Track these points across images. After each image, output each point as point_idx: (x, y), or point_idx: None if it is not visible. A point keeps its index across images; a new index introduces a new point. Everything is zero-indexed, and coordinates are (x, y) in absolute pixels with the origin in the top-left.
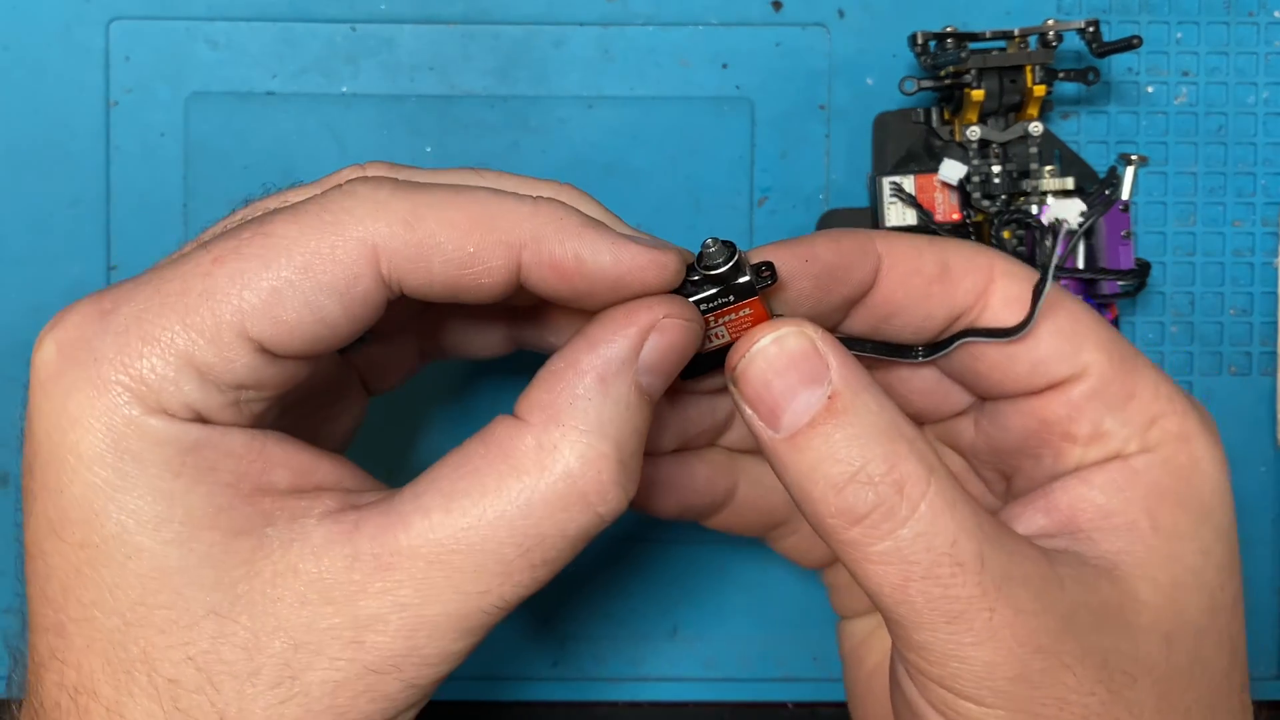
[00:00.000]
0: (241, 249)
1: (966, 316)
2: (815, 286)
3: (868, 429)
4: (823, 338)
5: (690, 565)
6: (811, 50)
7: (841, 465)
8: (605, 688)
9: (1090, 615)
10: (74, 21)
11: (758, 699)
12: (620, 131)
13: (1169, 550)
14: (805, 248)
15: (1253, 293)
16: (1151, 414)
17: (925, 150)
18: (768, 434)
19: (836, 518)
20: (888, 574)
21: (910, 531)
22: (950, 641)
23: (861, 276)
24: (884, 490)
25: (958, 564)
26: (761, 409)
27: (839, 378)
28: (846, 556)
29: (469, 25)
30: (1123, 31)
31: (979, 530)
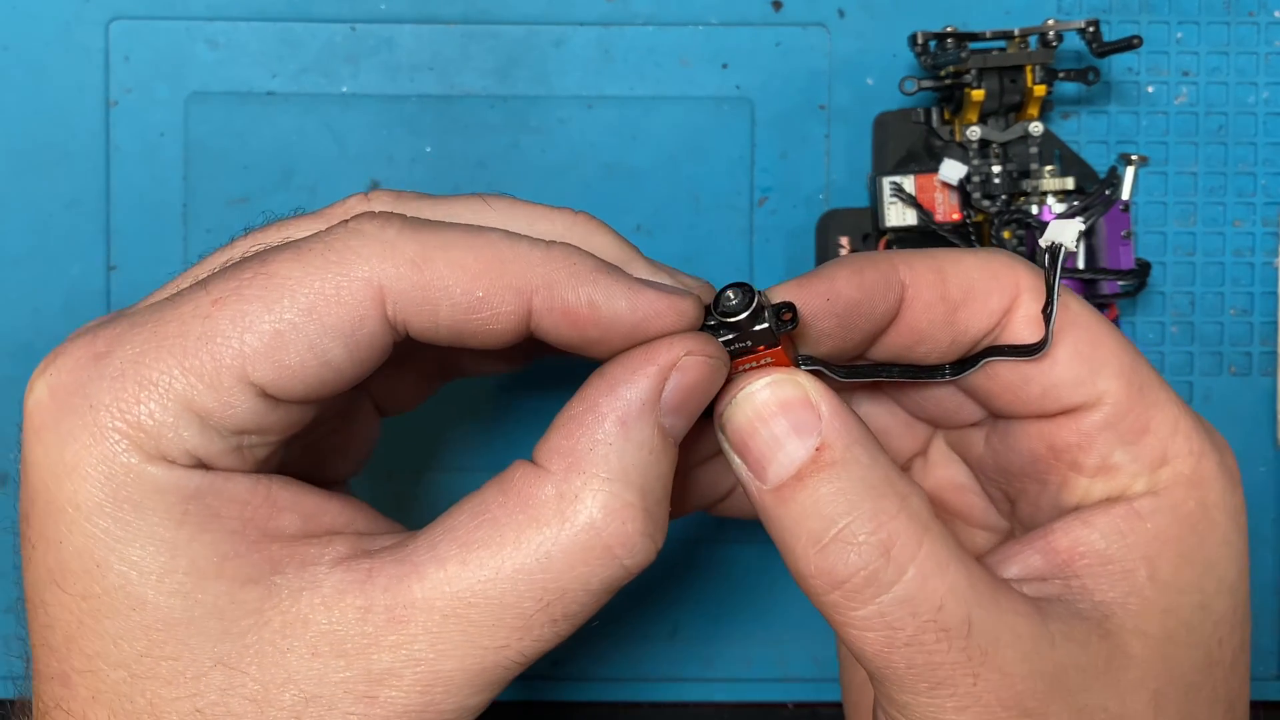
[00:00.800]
0: (242, 290)
1: (991, 334)
2: (839, 325)
3: (856, 484)
4: (815, 385)
5: (690, 565)
6: (811, 50)
7: (825, 522)
8: (605, 688)
9: (1079, 674)
10: (74, 21)
11: (758, 699)
12: (620, 131)
13: (1164, 603)
14: (826, 284)
15: (1253, 293)
16: (1164, 452)
17: (925, 150)
18: (754, 484)
19: (817, 578)
20: (870, 640)
21: (894, 597)
22: (932, 705)
23: (886, 309)
24: (868, 552)
25: (943, 630)
26: (748, 457)
27: (830, 429)
28: (828, 617)
29: (469, 25)
30: (1123, 31)
31: (970, 591)
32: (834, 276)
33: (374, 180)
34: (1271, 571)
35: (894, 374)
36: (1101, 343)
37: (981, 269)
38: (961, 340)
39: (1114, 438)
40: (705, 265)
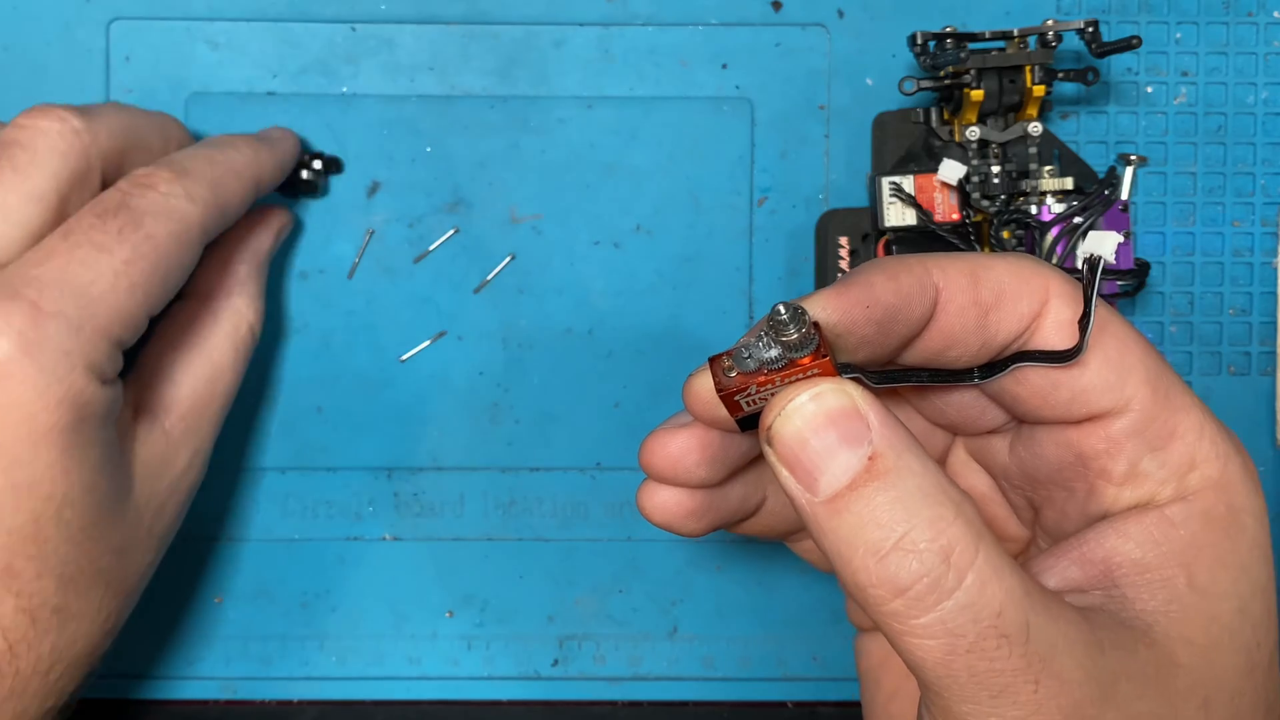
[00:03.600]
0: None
1: (1020, 339)
2: (877, 332)
3: (912, 492)
4: (862, 394)
5: (690, 565)
6: (811, 50)
7: (884, 531)
8: (605, 688)
9: (1129, 682)
10: (74, 21)
11: (758, 699)
12: (620, 131)
13: (1206, 609)
14: (865, 290)
15: (1252, 293)
16: (1192, 458)
17: (925, 150)
18: (804, 497)
19: (879, 588)
20: (932, 648)
21: (956, 603)
22: (993, 715)
23: (922, 313)
24: (929, 559)
25: (1003, 636)
26: (798, 471)
27: (880, 438)
28: (887, 627)
29: (469, 25)
30: (1122, 32)
31: (1026, 599)
32: (871, 283)
33: (374, 180)
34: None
35: (924, 378)
36: (1129, 348)
37: (1012, 273)
38: (991, 344)
39: (1142, 444)
40: (705, 265)
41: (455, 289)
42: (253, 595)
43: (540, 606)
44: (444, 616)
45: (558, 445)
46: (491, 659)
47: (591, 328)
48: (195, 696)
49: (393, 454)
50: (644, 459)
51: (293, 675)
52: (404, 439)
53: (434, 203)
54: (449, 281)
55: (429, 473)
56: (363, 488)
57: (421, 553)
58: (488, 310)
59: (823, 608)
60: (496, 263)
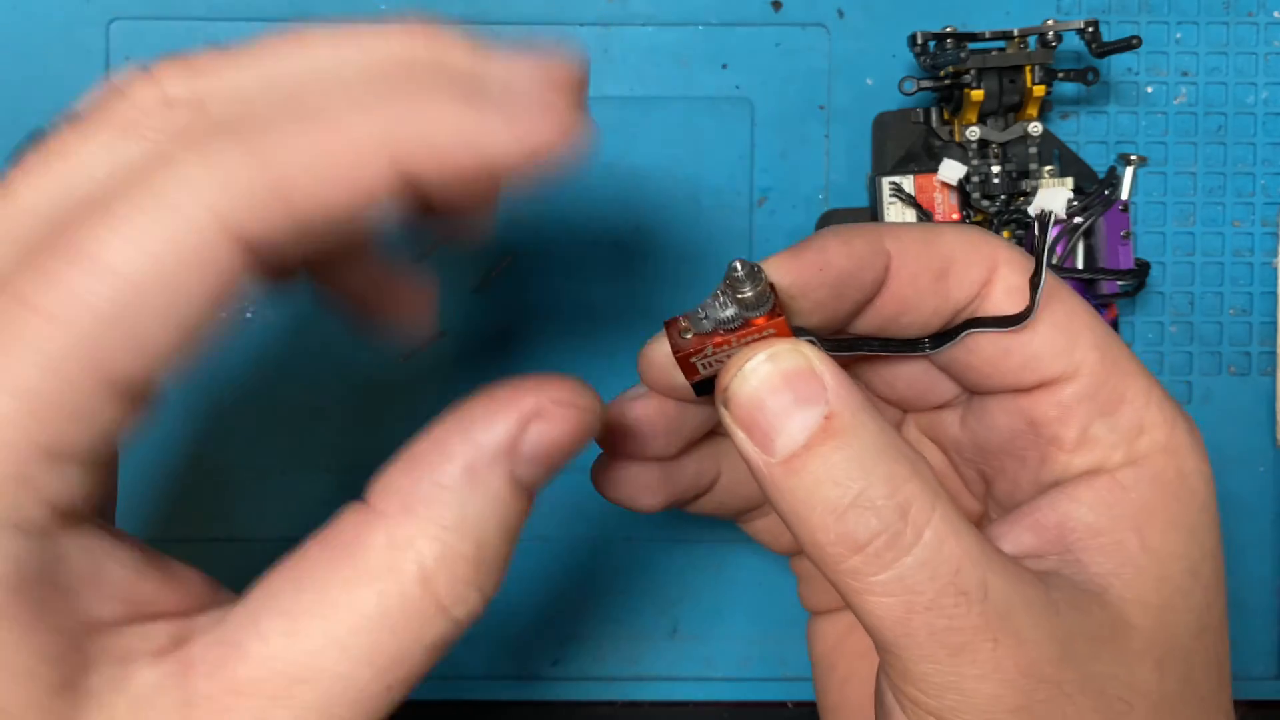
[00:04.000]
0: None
1: (969, 307)
2: (831, 295)
3: (868, 450)
4: (818, 355)
5: (690, 565)
6: (811, 50)
7: (841, 489)
8: (605, 688)
9: (1086, 642)
10: (74, 21)
11: (758, 698)
12: (620, 131)
13: (1159, 571)
14: (818, 254)
15: (1252, 293)
16: (1140, 422)
17: (925, 150)
18: (761, 458)
19: (836, 545)
20: (889, 605)
21: (914, 560)
22: (952, 674)
23: (874, 277)
24: (887, 515)
25: (961, 593)
26: (755, 432)
27: (835, 397)
28: (845, 586)
29: (469, 25)
30: (1122, 32)
31: (983, 557)
32: (825, 247)
33: None
34: (1271, 571)
35: (875, 347)
36: (1076, 315)
37: (961, 241)
38: (943, 310)
39: (1092, 409)
40: (705, 265)
41: (455, 289)
42: None
43: (540, 606)
44: None
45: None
46: (491, 659)
47: (591, 328)
48: None
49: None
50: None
51: None
52: (404, 439)
53: None
54: (449, 281)
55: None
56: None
57: None
58: (488, 310)
59: None
60: (496, 263)
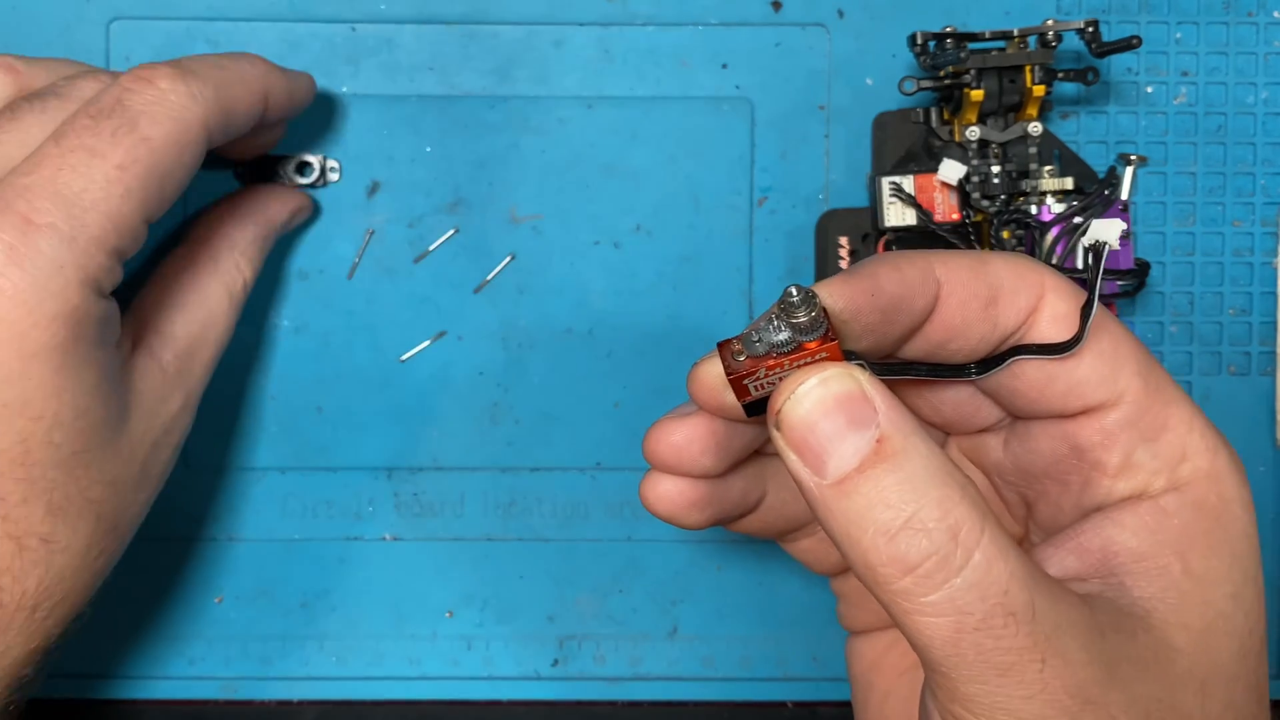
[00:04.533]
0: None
1: (1016, 334)
2: (882, 321)
3: (919, 473)
4: (869, 379)
5: (690, 565)
6: (811, 50)
7: (893, 511)
8: (605, 688)
9: (1130, 665)
10: (74, 21)
11: (758, 699)
12: (620, 131)
13: (1202, 596)
14: (869, 280)
15: (1252, 292)
16: (1183, 449)
17: (925, 150)
18: (812, 480)
19: (888, 566)
20: (940, 626)
21: (964, 581)
22: (1000, 694)
23: (924, 305)
24: (938, 537)
25: (1010, 614)
26: (807, 454)
27: (886, 421)
28: (896, 607)
29: (469, 25)
30: (1122, 32)
31: (1030, 579)
32: (876, 274)
33: (374, 180)
34: (1271, 571)
35: (922, 372)
36: (1121, 343)
37: (1009, 269)
38: (990, 337)
39: (1136, 436)
40: (705, 265)
41: (455, 289)
42: (253, 595)
43: (540, 606)
44: (444, 616)
45: (558, 445)
46: (491, 659)
47: (591, 328)
48: (195, 696)
49: (393, 454)
50: (648, 448)
51: (293, 675)
52: (404, 439)
53: (434, 203)
54: (449, 281)
55: (429, 473)
56: (363, 488)
57: (421, 553)
58: (488, 310)
59: (823, 608)
60: (496, 263)
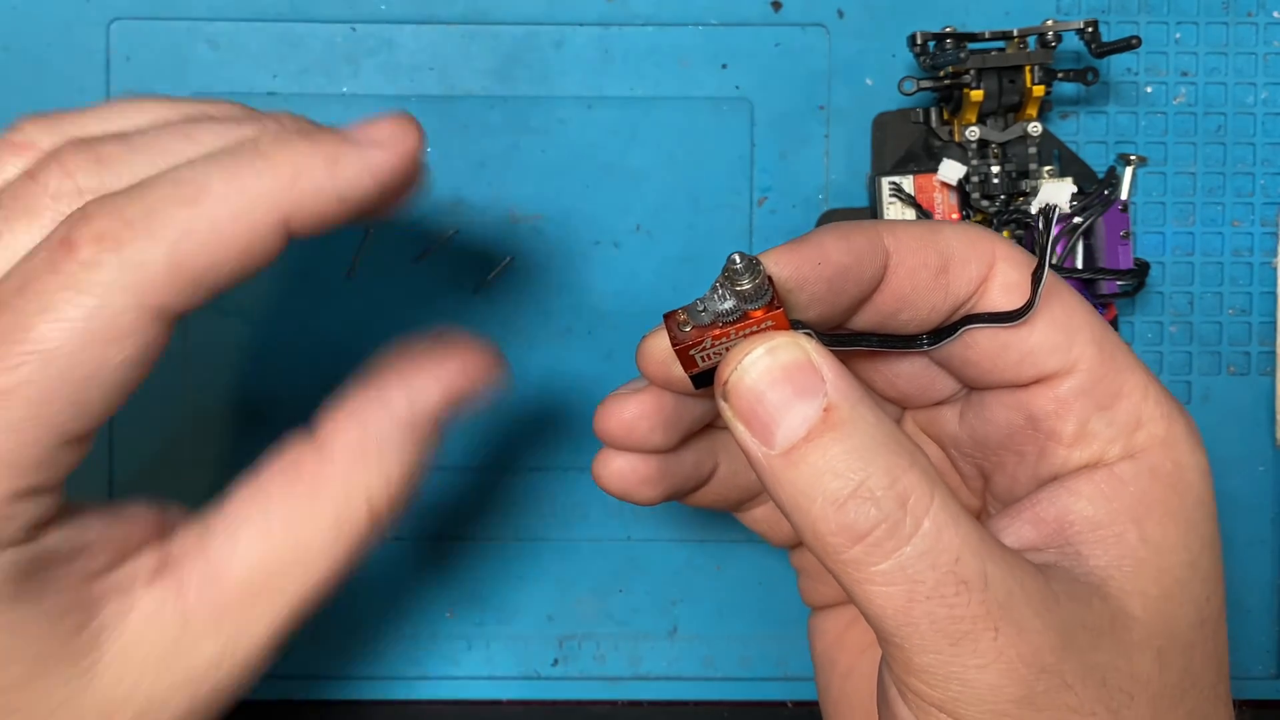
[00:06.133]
0: (21, 374)
1: (968, 303)
2: (828, 290)
3: (867, 442)
4: (816, 348)
5: (690, 565)
6: (811, 50)
7: (841, 480)
8: (605, 688)
9: (1087, 633)
10: (74, 21)
11: (758, 698)
12: (620, 131)
13: (1158, 563)
14: (815, 249)
15: (1251, 293)
16: (1138, 416)
17: (924, 150)
18: (760, 450)
19: (837, 535)
20: (891, 595)
21: (914, 549)
22: (954, 664)
23: (873, 273)
24: (887, 505)
25: (962, 581)
26: (754, 424)
27: (834, 390)
28: (846, 578)
29: (469, 25)
30: (1121, 32)
31: (981, 546)
32: (822, 242)
33: None
34: (1271, 571)
35: (873, 343)
36: (1074, 311)
37: (960, 237)
38: (941, 306)
39: (1090, 404)
40: (705, 265)
41: (455, 289)
42: None
43: (540, 606)
44: (444, 616)
45: (558, 445)
46: (491, 659)
47: (591, 328)
48: None
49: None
50: (598, 424)
51: (293, 675)
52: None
53: (434, 203)
54: (449, 281)
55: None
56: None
57: (421, 553)
58: (488, 310)
59: None
60: (496, 263)
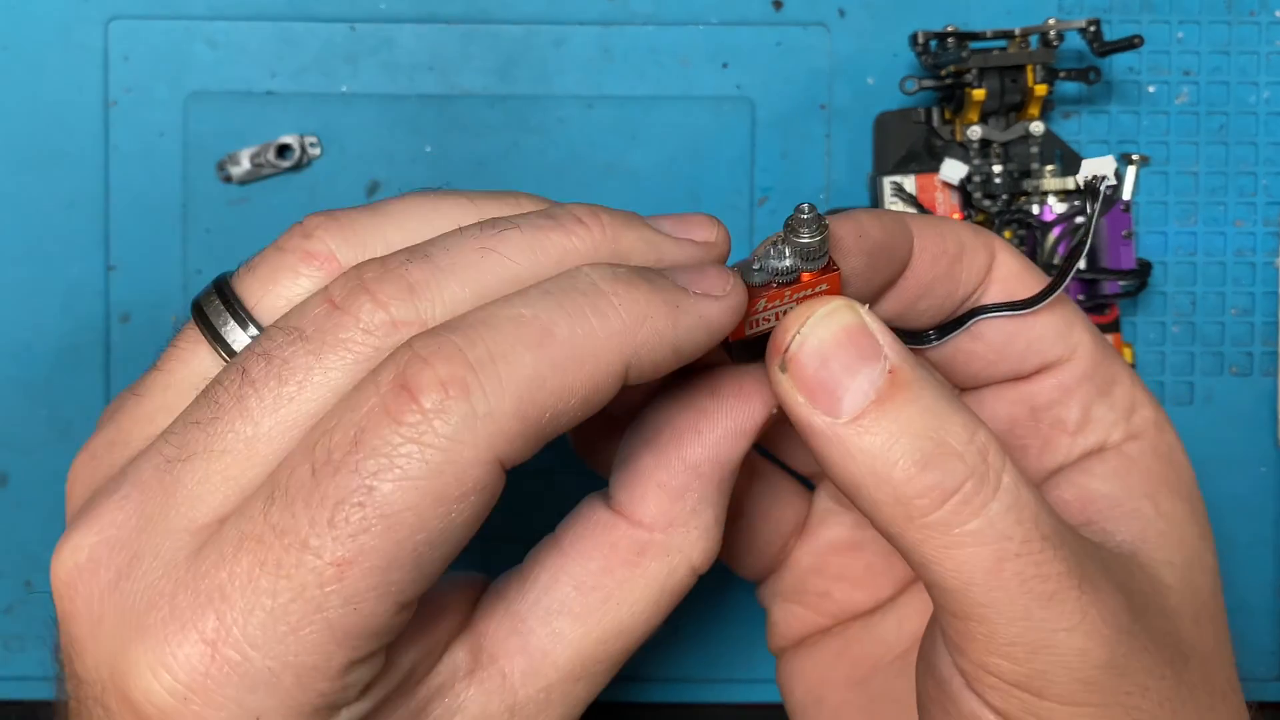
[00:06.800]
0: (363, 542)
1: (973, 296)
2: (867, 264)
3: (936, 399)
4: (867, 311)
5: None
6: (812, 50)
7: (922, 439)
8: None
9: (1139, 597)
10: (73, 21)
11: (758, 699)
12: (620, 131)
13: (1177, 534)
14: (854, 223)
15: (1254, 293)
16: (1132, 399)
17: (926, 150)
18: (825, 421)
19: (925, 496)
20: (981, 556)
21: (1000, 504)
22: (1043, 629)
23: (903, 255)
24: (971, 459)
25: (1044, 537)
26: (819, 393)
27: (892, 352)
28: (930, 545)
29: (469, 25)
30: (1124, 31)
31: (1049, 505)
32: (859, 218)
33: (374, 180)
34: (1273, 572)
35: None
36: (1066, 300)
37: (967, 228)
38: (955, 296)
39: (1091, 389)
40: None
41: None
42: None
43: None
44: None
45: (558, 445)
46: None
47: None
48: None
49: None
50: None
51: None
52: None
53: None
54: None
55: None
56: None
57: None
58: None
59: None
60: None
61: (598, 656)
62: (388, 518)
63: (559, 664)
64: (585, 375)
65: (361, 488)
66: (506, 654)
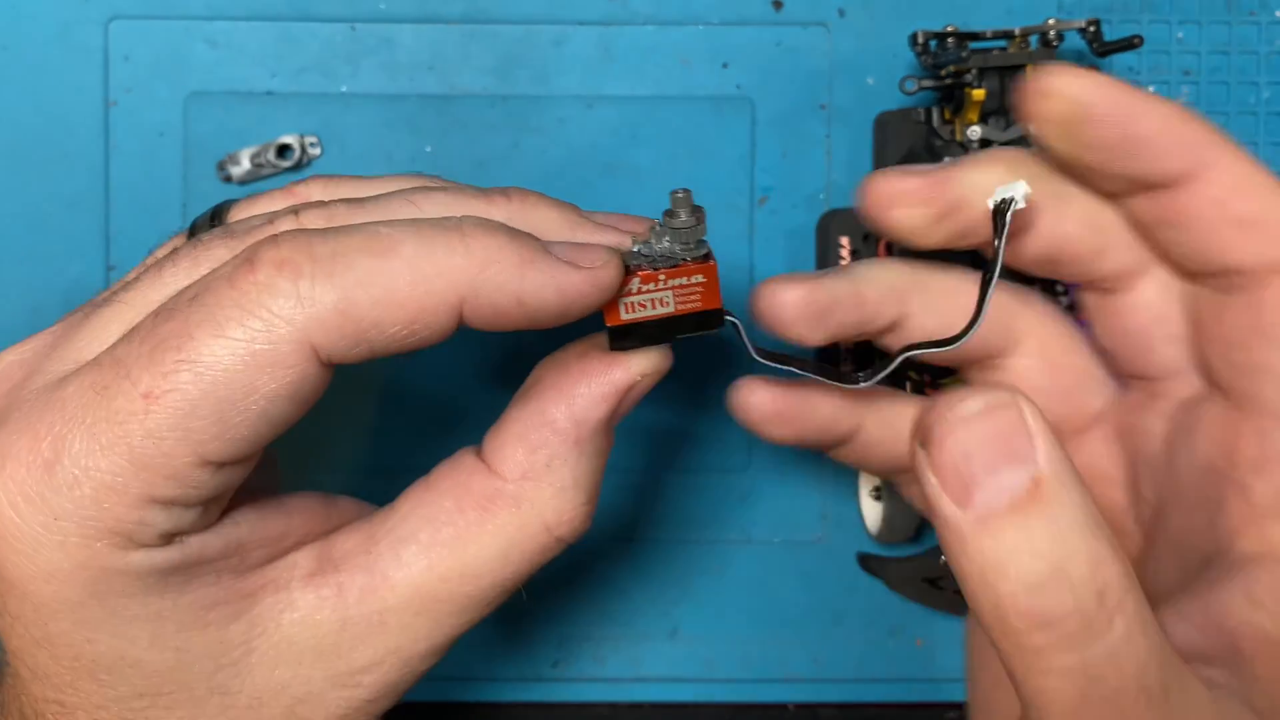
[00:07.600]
0: (171, 381)
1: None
2: (1120, 138)
3: (1072, 523)
4: (1032, 409)
5: (690, 565)
6: (812, 49)
7: (1040, 562)
8: (605, 688)
9: None
10: (73, 21)
11: (758, 699)
12: (620, 131)
13: None
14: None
15: None
16: None
17: (926, 150)
18: (951, 509)
19: (1024, 619)
20: (1064, 692)
21: (1103, 647)
22: None
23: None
24: (1083, 595)
25: (1143, 690)
26: (952, 481)
27: (1046, 460)
28: (1021, 662)
29: (469, 25)
30: (1124, 31)
31: (1167, 660)
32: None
33: None
34: None
35: (809, 370)
36: (1183, 112)
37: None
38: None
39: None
40: None
41: None
42: None
43: (540, 606)
44: None
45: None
46: (491, 659)
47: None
48: None
49: (393, 454)
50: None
51: None
52: (405, 439)
53: None
54: None
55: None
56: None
57: None
58: None
59: (824, 609)
60: None
61: (439, 595)
62: (196, 364)
63: (397, 589)
64: (416, 295)
65: (183, 333)
66: (350, 569)
